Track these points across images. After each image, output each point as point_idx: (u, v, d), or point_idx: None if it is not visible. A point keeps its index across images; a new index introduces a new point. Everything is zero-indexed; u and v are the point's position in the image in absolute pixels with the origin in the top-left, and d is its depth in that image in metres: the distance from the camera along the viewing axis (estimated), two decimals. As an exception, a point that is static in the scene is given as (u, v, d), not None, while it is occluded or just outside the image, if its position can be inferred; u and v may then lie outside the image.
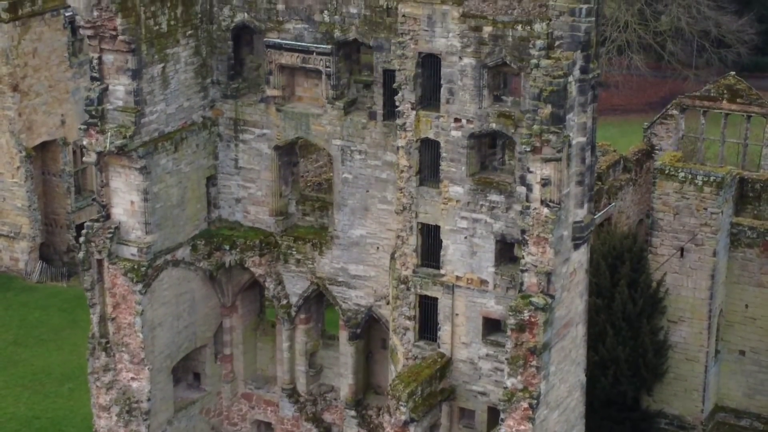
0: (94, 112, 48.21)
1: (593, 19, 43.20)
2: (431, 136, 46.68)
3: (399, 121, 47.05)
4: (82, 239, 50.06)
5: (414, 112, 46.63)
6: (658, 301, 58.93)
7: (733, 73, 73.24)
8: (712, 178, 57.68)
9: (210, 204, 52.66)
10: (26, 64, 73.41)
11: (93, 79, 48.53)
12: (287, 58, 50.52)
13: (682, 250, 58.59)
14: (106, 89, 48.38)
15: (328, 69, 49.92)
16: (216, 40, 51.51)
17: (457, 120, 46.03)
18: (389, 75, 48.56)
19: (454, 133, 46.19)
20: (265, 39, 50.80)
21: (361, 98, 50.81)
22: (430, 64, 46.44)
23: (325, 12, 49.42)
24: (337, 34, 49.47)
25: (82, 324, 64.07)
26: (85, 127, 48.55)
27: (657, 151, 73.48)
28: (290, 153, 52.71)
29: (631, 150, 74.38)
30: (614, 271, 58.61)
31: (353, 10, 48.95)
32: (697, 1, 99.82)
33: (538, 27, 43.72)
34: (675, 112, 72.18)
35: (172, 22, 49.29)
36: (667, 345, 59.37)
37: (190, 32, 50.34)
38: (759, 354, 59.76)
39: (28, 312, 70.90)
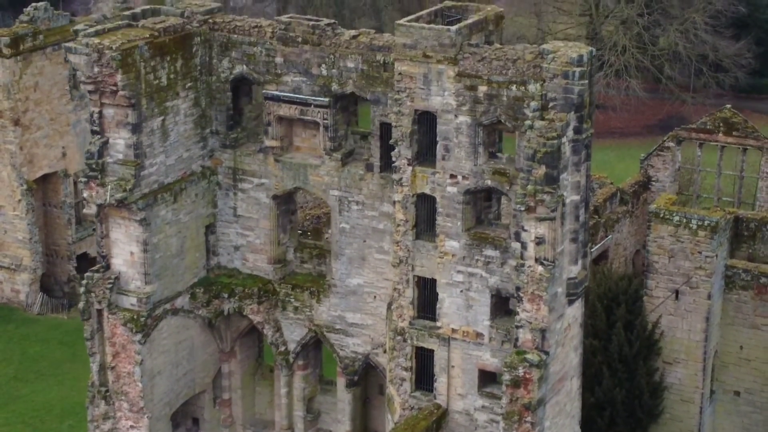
0: (94, 166, 48.75)
1: (586, 81, 43.72)
2: (427, 191, 47.25)
3: (396, 176, 47.62)
4: (82, 289, 50.59)
5: (410, 168, 47.22)
6: (653, 342, 59.38)
7: (729, 106, 73.72)
8: (706, 222, 58.08)
9: (209, 251, 53.23)
10: (27, 98, 73.86)
11: (93, 132, 49.07)
12: (285, 110, 51.09)
13: (677, 292, 59.02)
14: (106, 142, 48.94)
15: (326, 121, 50.51)
16: (215, 91, 52.07)
17: (452, 176, 46.62)
18: (386, 128, 49.13)
19: (449, 189, 46.78)
20: (263, 91, 51.35)
21: (358, 149, 51.38)
22: (426, 120, 47.02)
23: (323, 66, 49.97)
24: (334, 87, 50.02)
25: (83, 358, 64.44)
26: (86, 179, 49.06)
27: (653, 183, 74.13)
28: (288, 202, 53.28)
29: (628, 182, 74.92)
30: (610, 312, 59.09)
31: (350, 65, 49.49)
32: (694, 25, 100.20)
33: (532, 87, 44.30)
34: (671, 144, 72.72)
35: (172, 76, 49.83)
36: (663, 386, 59.83)
37: (189, 84, 50.89)
38: (753, 395, 60.19)
39: (29, 345, 71.45)
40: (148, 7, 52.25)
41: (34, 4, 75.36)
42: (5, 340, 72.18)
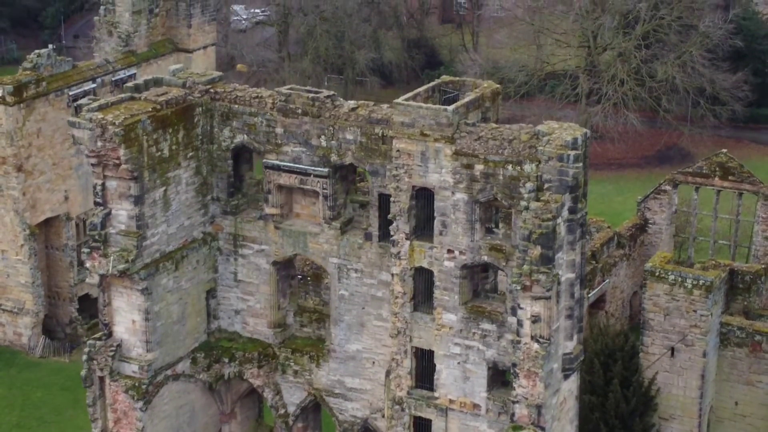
0: (97, 236, 49.45)
1: (581, 164, 44.44)
2: (425, 265, 48.02)
3: (394, 250, 48.38)
4: (84, 357, 51.30)
5: (408, 242, 47.96)
6: (650, 399, 60.15)
7: (725, 150, 74.54)
8: (701, 282, 58.81)
9: (210, 315, 53.99)
10: (30, 144, 74.45)
11: (96, 204, 49.80)
12: (285, 179, 51.81)
13: (672, 349, 59.79)
14: (109, 214, 49.65)
15: (325, 190, 51.22)
16: (216, 159, 52.80)
17: (450, 251, 47.39)
18: (384, 198, 49.84)
19: (447, 263, 47.53)
20: (264, 160, 52.05)
21: (357, 217, 52.10)
22: (424, 196, 47.76)
23: (322, 137, 50.68)
24: (333, 158, 50.73)
25: (84, 404, 65.14)
26: (89, 250, 49.77)
27: (650, 225, 74.89)
28: (288, 267, 53.99)
29: (625, 225, 75.67)
30: (607, 369, 59.84)
31: (349, 137, 50.21)
32: (691, 58, 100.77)
33: (528, 168, 45.05)
34: (668, 187, 73.50)
35: (174, 147, 50.57)
36: (659, 442, 60.68)
37: (191, 154, 51.63)
38: (748, 450, 61.06)
39: (31, 391, 72.08)
40: (150, 77, 52.90)
41: (37, 51, 75.94)
42: (7, 386, 72.82)
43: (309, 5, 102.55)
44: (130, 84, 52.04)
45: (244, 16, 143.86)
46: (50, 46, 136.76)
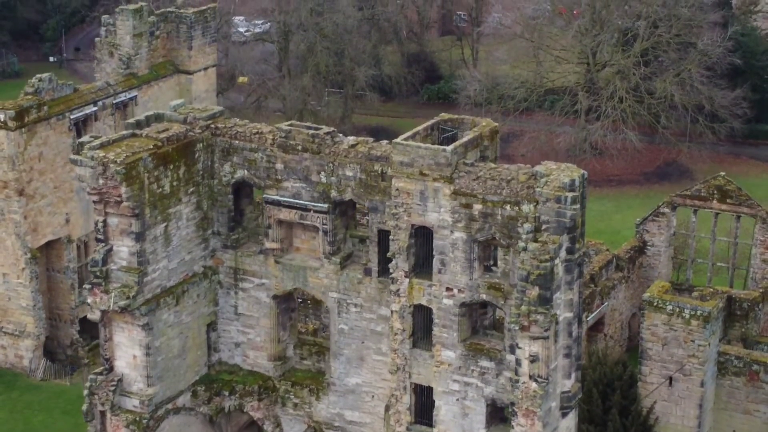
0: (98, 273, 49.80)
1: (578, 206, 44.81)
2: (424, 302, 48.41)
3: (393, 287, 48.77)
4: (86, 391, 51.65)
5: (407, 280, 48.31)
6: (648, 428, 60.43)
7: (723, 173, 74.81)
8: (699, 312, 59.27)
9: (210, 348, 54.36)
10: (32, 168, 74.72)
11: (98, 240, 50.15)
12: (285, 214, 52.19)
13: (670, 379, 60.22)
14: (110, 250, 50.00)
15: (325, 226, 51.58)
16: (217, 193, 53.16)
17: (448, 289, 47.77)
18: (384, 234, 50.19)
19: (445, 301, 47.92)
20: (264, 195, 52.41)
21: (356, 252, 52.45)
22: (423, 234, 48.13)
23: (322, 173, 51.02)
24: (333, 194, 51.08)
25: (84, 428, 65.51)
26: (90, 286, 50.14)
27: (649, 247, 75.26)
28: (288, 300, 54.35)
29: (624, 248, 75.99)
30: (606, 398, 60.13)
31: (349, 173, 50.55)
32: (690, 76, 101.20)
33: (526, 208, 45.44)
34: (666, 210, 73.90)
35: (175, 183, 50.92)
36: (657, 471, 61.04)
37: (192, 189, 51.98)
38: (746, 478, 61.43)
39: (32, 414, 72.38)
40: (151, 113, 53.22)
41: (38, 76, 76.13)
42: (9, 409, 73.14)
43: (309, 22, 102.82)
44: (131, 120, 52.33)
45: (245, 29, 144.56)
46: (51, 58, 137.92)
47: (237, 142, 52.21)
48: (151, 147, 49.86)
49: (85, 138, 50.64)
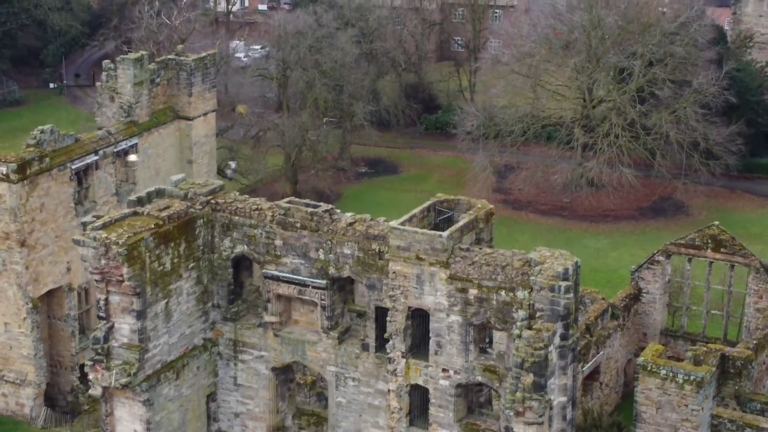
0: (100, 350, 50.63)
1: (571, 295, 45.66)
2: (420, 382, 49.28)
3: (390, 367, 49.63)
4: (88, 464, 52.52)
5: (404, 360, 49.16)
6: (642, 489, 61.35)
7: (717, 223, 75.52)
8: (692, 377, 60.00)
9: (209, 418, 55.19)
10: (33, 219, 75.28)
11: (100, 318, 50.98)
12: (284, 289, 53.02)
13: (664, 441, 61.00)
14: (111, 327, 50.85)
15: (323, 301, 52.42)
16: (217, 267, 54.01)
17: (444, 370, 48.65)
18: (381, 311, 51.04)
19: (442, 381, 48.78)
20: (263, 270, 53.23)
21: (354, 326, 53.33)
22: (420, 316, 48.99)
23: (321, 250, 51.85)
24: (331, 270, 51.92)
25: (86, 479, 66.31)
26: (92, 363, 50.95)
27: (644, 294, 76.04)
28: (287, 372, 55.19)
29: (619, 296, 76.69)
30: (601, 460, 61.13)
31: (347, 251, 51.40)
32: (685, 114, 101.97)
33: (521, 294, 46.30)
34: (661, 258, 74.66)
35: (176, 260, 51.75)
36: None
37: (192, 265, 52.82)
38: None
39: (34, 463, 73.31)
40: (152, 189, 54.01)
41: (40, 128, 76.74)
42: (10, 459, 73.95)
43: (308, 60, 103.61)
44: (133, 197, 53.11)
45: (243, 54, 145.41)
46: (51, 85, 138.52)
47: (237, 218, 53.05)
48: (153, 226, 50.68)
49: (87, 218, 51.46)
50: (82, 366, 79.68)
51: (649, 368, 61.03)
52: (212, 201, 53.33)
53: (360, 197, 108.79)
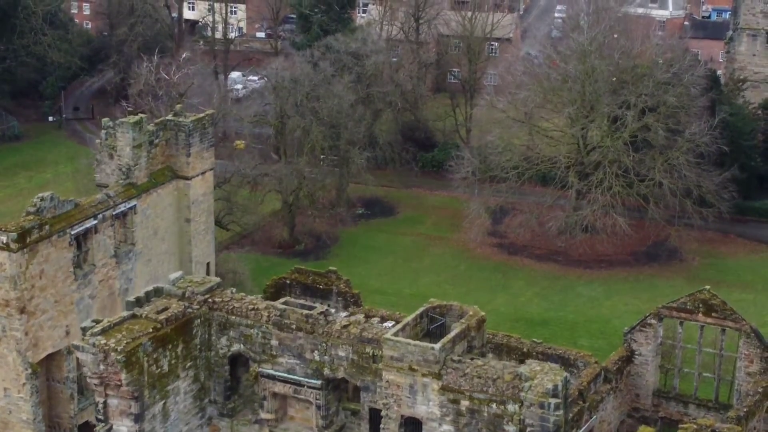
0: (99, 451, 51.73)
1: (561, 412, 46.69)
2: (418, 492, 50.33)
3: (385, 473, 50.69)
4: None
5: (398, 475, 50.29)
6: None
7: (708, 287, 76.44)
8: (682, 458, 60.93)
9: None
10: (33, 286, 76.04)
11: (98, 420, 52.00)
12: (280, 388, 54.05)
13: None
14: (110, 429, 51.85)
15: (318, 401, 53.47)
16: (214, 365, 55.04)
17: (438, 483, 49.68)
18: (375, 413, 52.09)
19: (437, 491, 49.79)
20: (259, 369, 54.26)
21: (349, 424, 54.36)
22: (413, 423, 50.01)
23: (316, 352, 52.89)
24: (326, 371, 52.96)
25: None
26: (91, 464, 52.03)
27: (636, 356, 77.02)
28: (283, 465, 56.32)
29: (611, 359, 77.56)
30: None
31: (342, 353, 52.44)
32: (678, 163, 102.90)
33: (511, 408, 47.38)
34: (653, 321, 75.60)
35: (173, 361, 52.78)
36: None
37: (189, 364, 53.85)
38: None
39: None
40: (150, 288, 54.98)
41: (40, 195, 77.45)
42: None
43: (306, 107, 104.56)
44: (131, 299, 54.06)
45: (241, 85, 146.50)
46: (50, 118, 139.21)
47: (233, 317, 54.02)
48: (151, 330, 51.63)
49: (86, 323, 52.38)
50: (80, 427, 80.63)
51: (641, 449, 61.89)
52: (209, 300, 54.30)
53: (357, 241, 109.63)
